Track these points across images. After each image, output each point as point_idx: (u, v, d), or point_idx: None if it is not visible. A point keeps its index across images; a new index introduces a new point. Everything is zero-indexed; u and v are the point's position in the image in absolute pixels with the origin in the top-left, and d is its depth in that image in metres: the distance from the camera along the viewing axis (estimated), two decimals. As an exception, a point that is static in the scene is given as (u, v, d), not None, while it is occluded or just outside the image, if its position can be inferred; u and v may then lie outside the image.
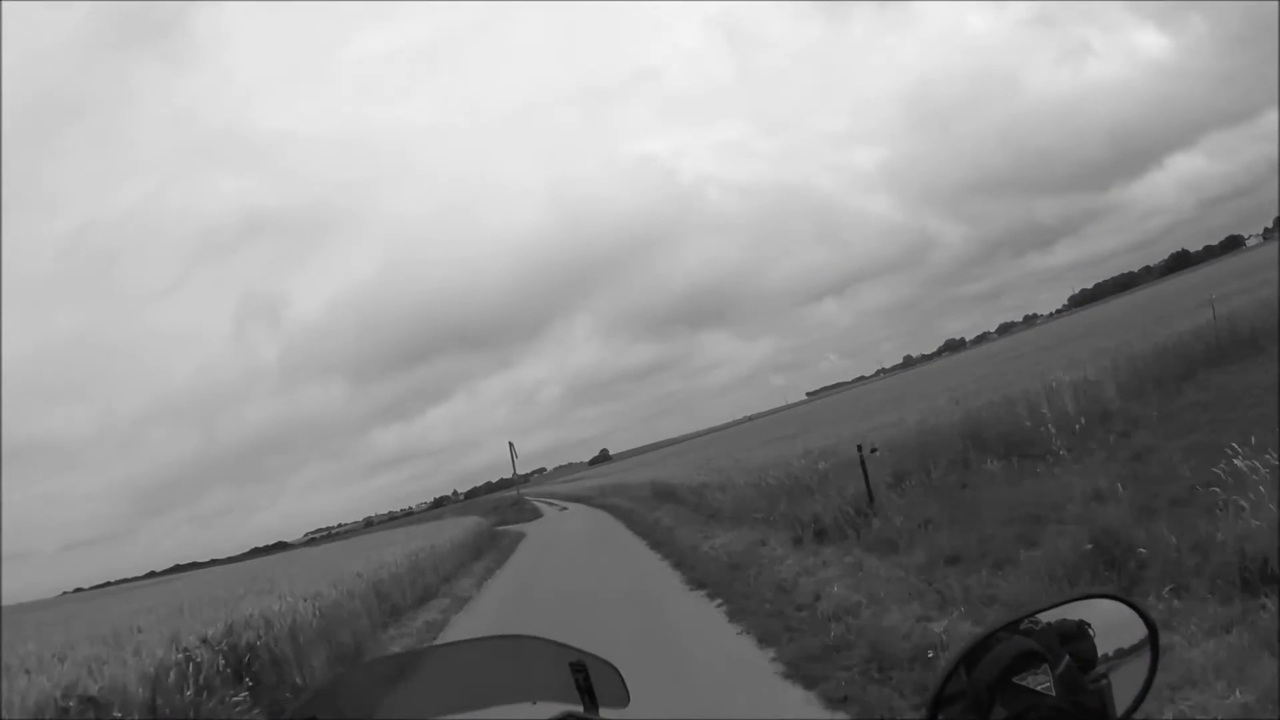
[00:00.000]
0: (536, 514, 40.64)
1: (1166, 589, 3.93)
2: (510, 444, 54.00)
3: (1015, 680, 0.77)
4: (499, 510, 44.64)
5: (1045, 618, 0.81)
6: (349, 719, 0.94)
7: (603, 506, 30.65)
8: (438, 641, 6.55)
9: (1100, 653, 0.81)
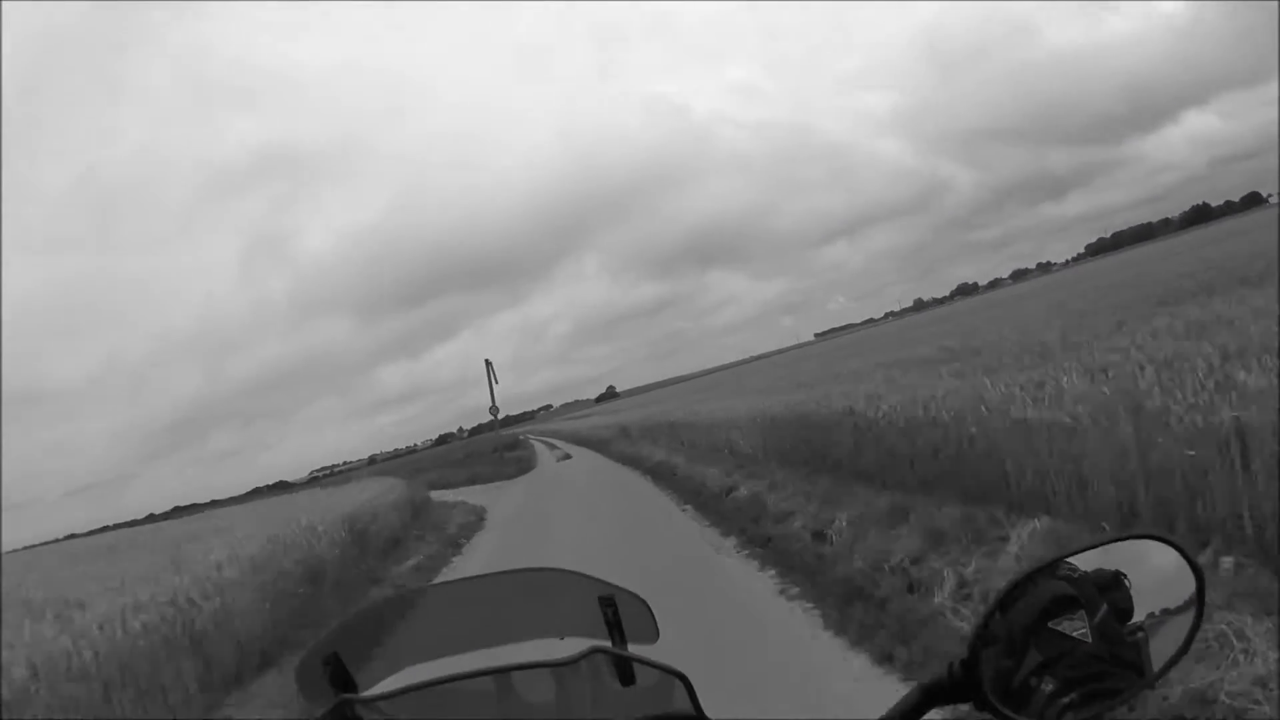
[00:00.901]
0: (524, 466, 26.53)
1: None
2: (487, 362, 33.32)
3: (1051, 625, 0.75)
4: (471, 460, 32.57)
5: (1087, 558, 0.79)
6: (374, 658, 0.93)
7: (628, 461, 18.76)
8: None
9: (1139, 601, 0.77)
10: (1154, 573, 0.78)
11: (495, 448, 35.33)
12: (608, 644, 0.89)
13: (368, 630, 0.97)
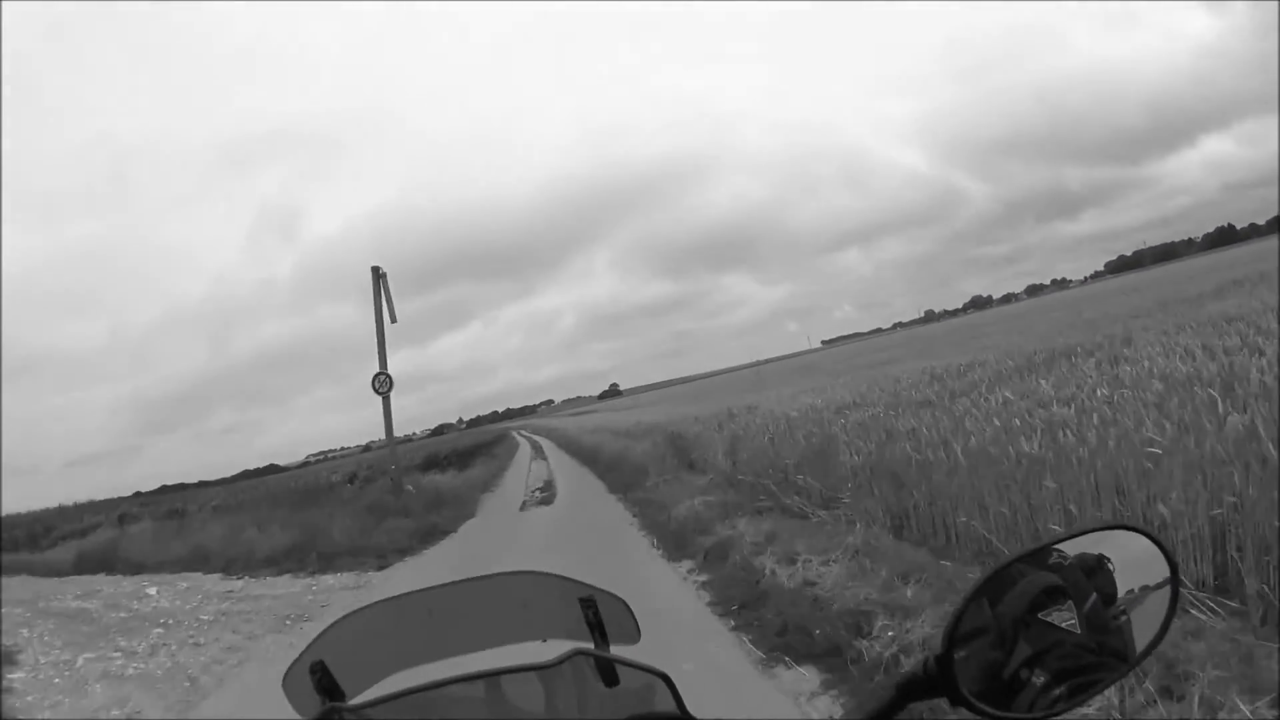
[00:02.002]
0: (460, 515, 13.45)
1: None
2: (376, 271, 15.62)
3: (1040, 616, 0.76)
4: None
5: (1063, 549, 0.80)
6: (360, 664, 0.95)
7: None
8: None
9: (1120, 587, 0.79)
10: (1128, 562, 0.80)
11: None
12: (590, 646, 0.90)
13: (353, 638, 0.98)
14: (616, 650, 0.88)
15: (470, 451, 29.44)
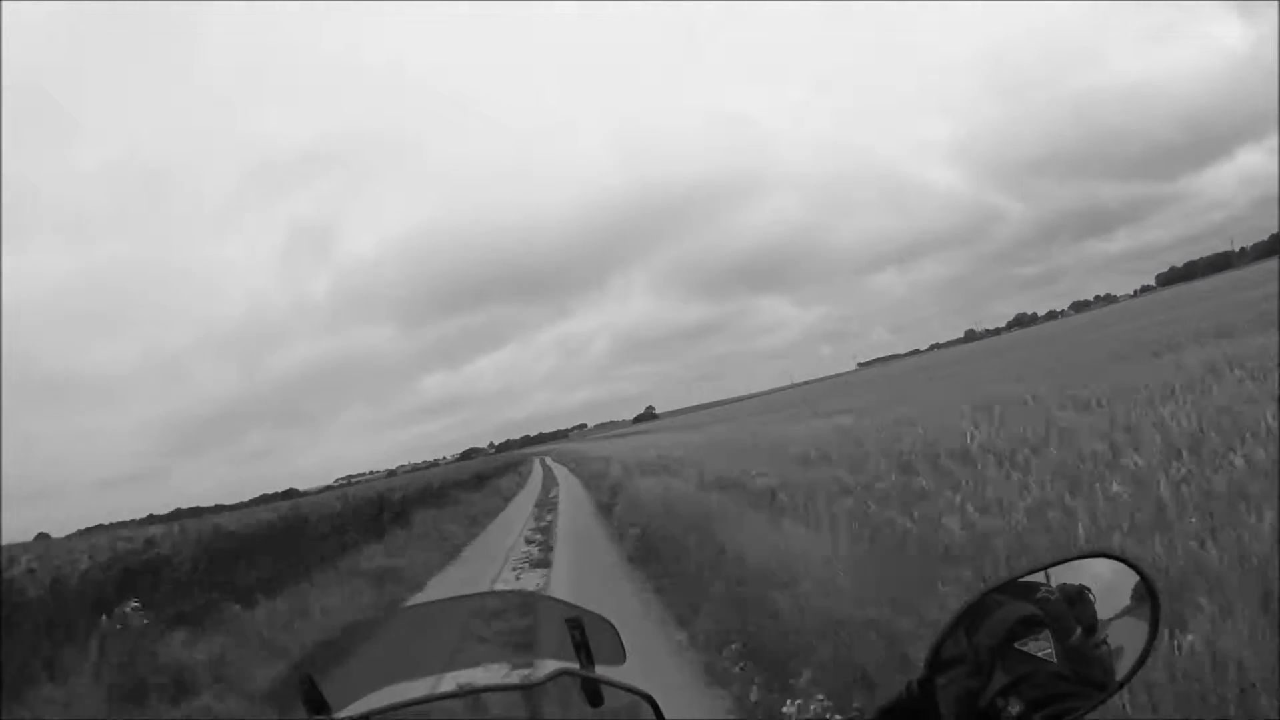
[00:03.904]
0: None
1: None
2: None
3: (1017, 645, 0.77)
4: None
5: (1041, 577, 0.81)
6: (347, 679, 0.97)
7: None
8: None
9: (1100, 616, 0.81)
10: (1109, 589, 0.82)
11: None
12: (575, 665, 0.92)
13: (341, 653, 1.03)
14: (602, 670, 0.90)
15: (458, 487, 23.04)
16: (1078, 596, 0.80)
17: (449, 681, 1.01)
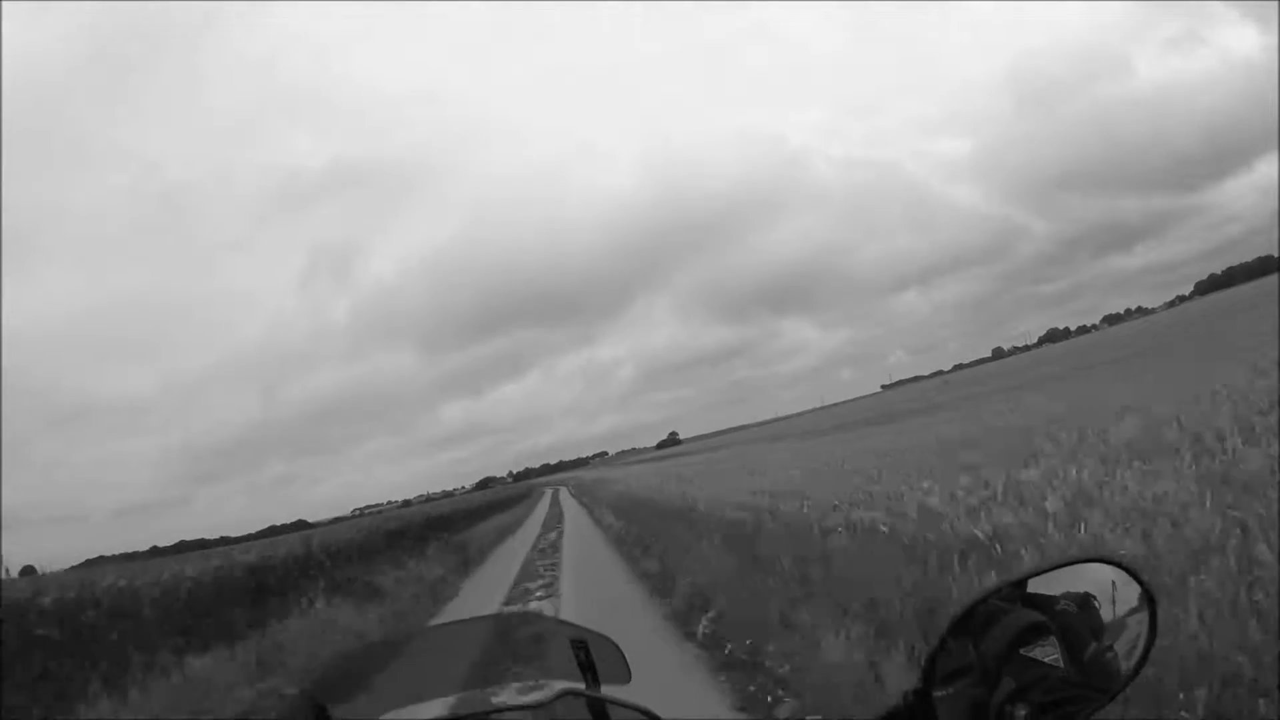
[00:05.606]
0: None
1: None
2: None
3: (1023, 651, 0.79)
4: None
5: (1039, 582, 0.83)
6: (355, 698, 1.00)
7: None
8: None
9: (1104, 620, 0.83)
10: (1103, 594, 0.83)
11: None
12: (580, 685, 0.95)
13: (350, 675, 1.06)
14: (607, 690, 0.93)
15: (447, 523, 20.02)
16: (1083, 602, 0.82)
17: (456, 704, 1.03)
